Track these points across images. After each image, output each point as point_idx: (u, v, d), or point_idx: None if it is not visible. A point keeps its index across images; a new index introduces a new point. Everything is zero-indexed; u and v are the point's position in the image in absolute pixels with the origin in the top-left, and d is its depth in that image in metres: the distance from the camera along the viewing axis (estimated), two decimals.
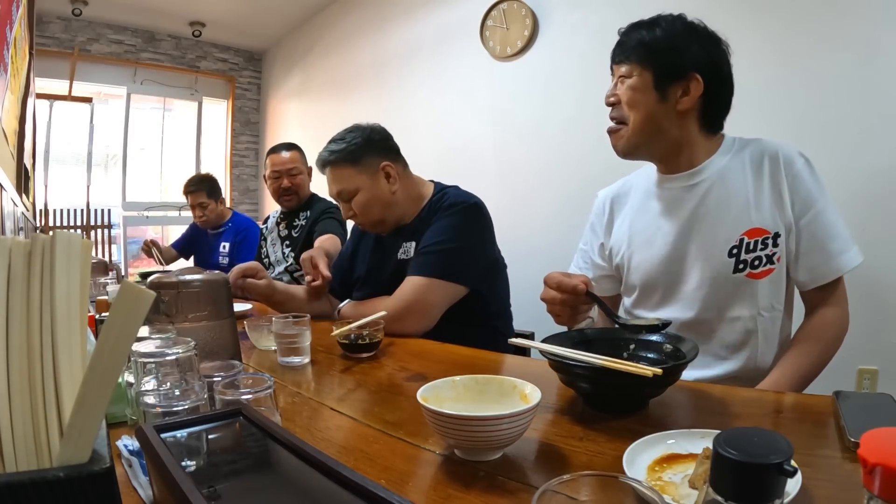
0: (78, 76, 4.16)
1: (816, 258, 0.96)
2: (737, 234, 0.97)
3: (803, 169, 0.97)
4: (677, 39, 0.98)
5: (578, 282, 0.88)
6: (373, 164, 1.35)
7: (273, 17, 4.41)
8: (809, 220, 0.95)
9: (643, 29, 1.00)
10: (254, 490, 0.44)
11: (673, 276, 1.04)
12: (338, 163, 1.35)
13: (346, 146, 1.35)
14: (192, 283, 0.85)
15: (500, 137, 2.95)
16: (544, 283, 0.93)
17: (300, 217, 2.20)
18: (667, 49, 0.98)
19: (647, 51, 0.99)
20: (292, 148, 2.24)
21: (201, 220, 2.89)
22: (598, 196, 1.23)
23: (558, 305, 0.91)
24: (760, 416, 0.71)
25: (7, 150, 1.85)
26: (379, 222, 1.38)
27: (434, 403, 0.59)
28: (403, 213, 1.40)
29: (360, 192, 1.34)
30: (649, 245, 1.07)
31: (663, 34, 0.98)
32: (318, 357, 1.08)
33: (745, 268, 0.97)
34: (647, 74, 0.98)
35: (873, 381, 1.78)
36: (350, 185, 1.34)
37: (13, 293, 0.36)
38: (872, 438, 0.26)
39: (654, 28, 1.00)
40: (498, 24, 2.89)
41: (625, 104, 1.01)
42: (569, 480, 0.34)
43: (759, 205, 0.97)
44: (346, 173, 1.34)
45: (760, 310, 0.98)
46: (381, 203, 1.35)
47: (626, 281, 1.12)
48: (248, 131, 5.24)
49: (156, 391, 0.61)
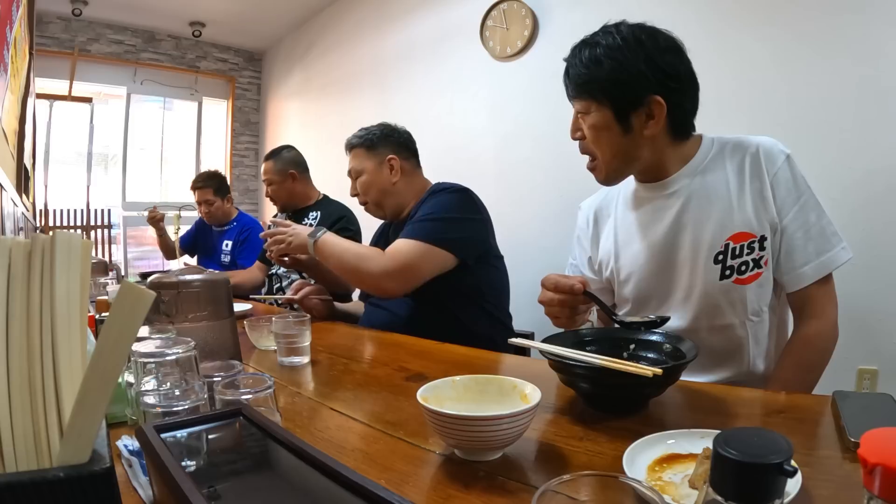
0: (78, 76, 4.16)
1: (797, 259, 0.93)
2: (721, 240, 0.94)
3: (784, 167, 0.94)
4: (627, 66, 0.92)
5: (576, 282, 0.86)
6: (382, 153, 1.53)
7: (273, 17, 4.41)
8: (790, 219, 0.93)
9: (586, 60, 0.94)
10: (254, 490, 0.44)
11: (662, 288, 1.01)
12: (356, 146, 1.56)
13: (367, 134, 1.56)
14: (192, 283, 0.84)
15: (500, 137, 2.95)
16: (542, 286, 0.91)
17: (309, 217, 2.20)
18: (618, 81, 0.92)
19: (599, 87, 0.94)
20: (270, 157, 2.26)
21: (207, 216, 2.90)
22: (580, 208, 1.21)
23: (556, 307, 0.89)
24: (760, 416, 0.71)
25: (7, 150, 1.85)
26: (376, 204, 1.55)
27: (434, 403, 0.59)
28: (403, 204, 1.53)
29: (364, 174, 1.53)
30: (635, 258, 1.04)
31: (610, 64, 0.92)
32: (318, 357, 1.08)
33: (731, 274, 0.94)
34: (606, 109, 0.95)
35: (873, 381, 1.78)
36: (359, 165, 1.54)
37: (13, 293, 0.36)
38: (872, 438, 0.26)
39: (598, 59, 0.93)
40: (498, 24, 2.89)
41: (590, 142, 0.99)
42: (569, 480, 0.34)
43: (743, 207, 0.94)
44: (359, 155, 1.55)
45: (749, 315, 0.95)
46: (378, 188, 1.52)
47: (618, 294, 1.10)
48: (248, 131, 5.24)
49: (156, 391, 0.61)
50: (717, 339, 0.97)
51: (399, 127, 1.59)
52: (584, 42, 0.98)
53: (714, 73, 0.84)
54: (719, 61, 2.00)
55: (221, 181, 2.89)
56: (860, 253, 0.94)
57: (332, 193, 2.33)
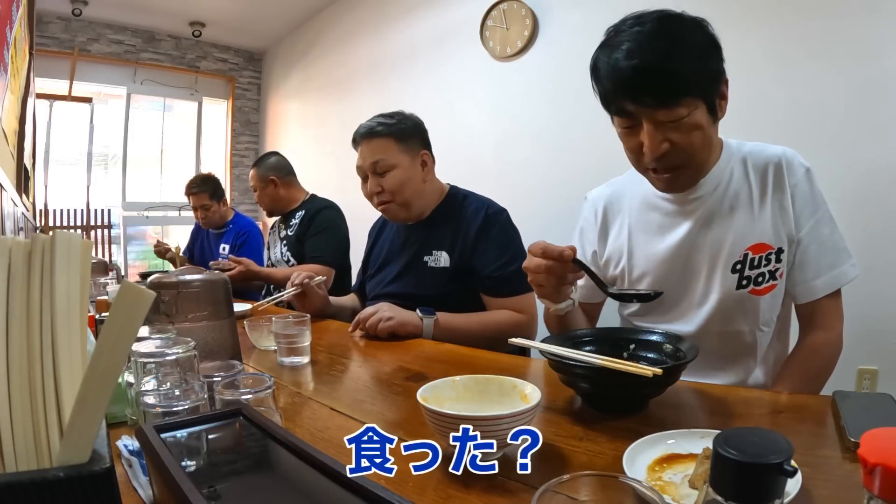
0: (78, 76, 4.16)
1: (809, 272, 0.93)
2: (741, 249, 0.93)
3: (803, 180, 0.93)
4: (709, 49, 0.84)
5: (566, 248, 0.82)
6: (416, 148, 1.40)
7: (273, 17, 4.41)
8: (805, 233, 0.92)
9: (673, 56, 0.81)
10: (254, 490, 0.44)
11: (677, 291, 0.99)
12: (384, 135, 1.37)
13: (397, 123, 1.38)
14: (192, 283, 0.84)
15: (500, 137, 2.95)
16: (528, 252, 0.87)
17: (295, 217, 2.24)
18: (711, 69, 0.85)
19: (698, 80, 0.83)
20: (254, 165, 2.32)
21: (203, 221, 2.88)
22: (586, 199, 1.15)
23: (543, 274, 0.84)
24: (760, 416, 0.71)
25: (7, 150, 1.85)
26: (404, 205, 1.39)
27: (434, 403, 0.59)
28: (426, 206, 1.43)
29: (397, 168, 1.36)
30: (651, 259, 1.02)
31: (698, 52, 0.83)
32: (318, 357, 1.08)
33: (748, 284, 0.93)
34: (700, 103, 0.85)
35: (873, 381, 1.78)
36: (390, 158, 1.36)
37: (13, 293, 0.36)
38: (872, 438, 0.26)
39: (687, 50, 0.82)
40: (498, 24, 2.89)
41: (690, 147, 0.87)
42: (569, 480, 0.34)
43: (763, 218, 0.93)
44: (388, 146, 1.36)
45: (760, 325, 0.95)
46: (412, 187, 1.38)
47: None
48: (248, 131, 5.24)
49: (156, 391, 0.61)
50: (725, 345, 0.97)
51: (418, 118, 1.47)
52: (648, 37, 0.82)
53: None
54: None
55: (216, 184, 2.85)
56: (860, 253, 0.94)
57: (332, 194, 2.34)
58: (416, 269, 1.40)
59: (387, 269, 1.49)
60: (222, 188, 2.90)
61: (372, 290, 1.51)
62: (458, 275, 1.35)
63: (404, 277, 1.43)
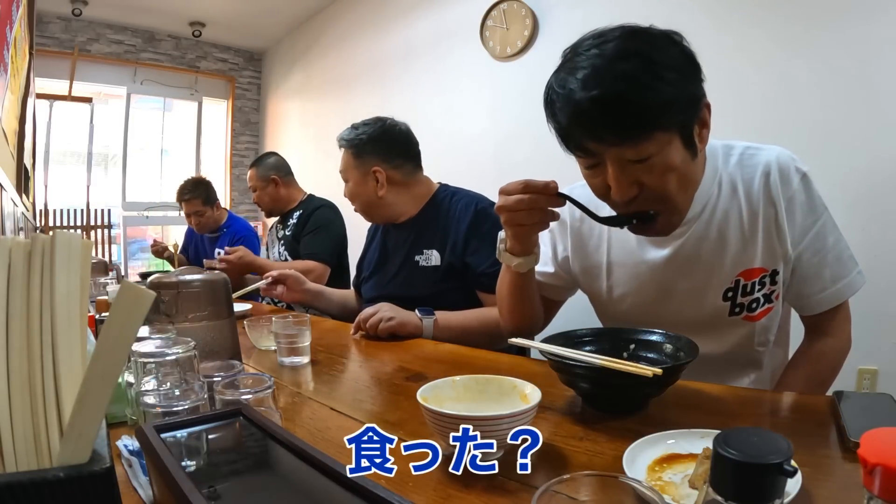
0: (78, 76, 4.16)
1: (813, 286, 0.88)
2: (732, 276, 0.87)
3: (799, 189, 0.85)
4: (685, 70, 0.73)
5: (549, 180, 0.76)
6: (367, 164, 1.45)
7: (273, 17, 4.41)
8: (806, 245, 0.86)
9: (642, 76, 0.70)
10: (254, 490, 0.44)
11: (664, 314, 0.93)
12: (345, 147, 1.48)
13: (355, 138, 1.46)
14: (192, 283, 0.84)
15: (500, 138, 2.95)
16: (501, 193, 0.78)
17: (293, 217, 2.25)
18: (687, 94, 0.73)
19: (672, 108, 0.71)
20: (253, 164, 2.33)
21: (197, 227, 2.84)
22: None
23: (524, 210, 0.77)
24: (760, 416, 0.71)
25: (7, 150, 1.85)
26: (363, 213, 1.51)
27: (434, 403, 0.59)
28: (397, 213, 1.47)
29: (350, 182, 1.48)
30: (632, 281, 0.95)
31: (670, 75, 0.71)
32: (318, 357, 1.08)
33: (741, 311, 0.88)
34: (674, 136, 0.74)
35: (873, 381, 1.78)
36: (346, 172, 1.48)
37: (13, 293, 0.36)
38: (872, 438, 0.26)
39: (650, 71, 0.70)
40: (498, 24, 2.89)
41: (664, 190, 0.77)
42: (569, 480, 0.34)
43: (755, 241, 0.86)
44: (347, 159, 1.48)
45: (756, 346, 0.92)
46: (362, 200, 1.47)
47: (611, 310, 1.02)
48: (248, 131, 5.24)
49: (156, 391, 0.61)
50: (720, 365, 0.94)
51: (398, 126, 1.49)
52: (609, 61, 0.70)
53: (713, 73, 0.81)
54: (719, 61, 2.00)
55: (208, 188, 2.81)
56: (860, 253, 0.93)
57: (332, 194, 2.34)
58: (409, 270, 1.42)
59: (380, 272, 1.51)
60: (214, 191, 2.85)
61: (368, 293, 1.53)
62: (451, 273, 1.36)
63: (397, 278, 1.44)
